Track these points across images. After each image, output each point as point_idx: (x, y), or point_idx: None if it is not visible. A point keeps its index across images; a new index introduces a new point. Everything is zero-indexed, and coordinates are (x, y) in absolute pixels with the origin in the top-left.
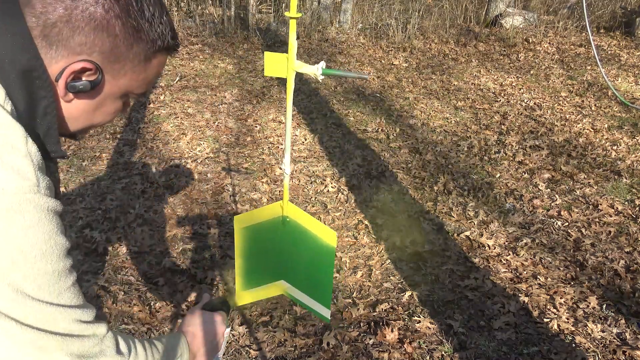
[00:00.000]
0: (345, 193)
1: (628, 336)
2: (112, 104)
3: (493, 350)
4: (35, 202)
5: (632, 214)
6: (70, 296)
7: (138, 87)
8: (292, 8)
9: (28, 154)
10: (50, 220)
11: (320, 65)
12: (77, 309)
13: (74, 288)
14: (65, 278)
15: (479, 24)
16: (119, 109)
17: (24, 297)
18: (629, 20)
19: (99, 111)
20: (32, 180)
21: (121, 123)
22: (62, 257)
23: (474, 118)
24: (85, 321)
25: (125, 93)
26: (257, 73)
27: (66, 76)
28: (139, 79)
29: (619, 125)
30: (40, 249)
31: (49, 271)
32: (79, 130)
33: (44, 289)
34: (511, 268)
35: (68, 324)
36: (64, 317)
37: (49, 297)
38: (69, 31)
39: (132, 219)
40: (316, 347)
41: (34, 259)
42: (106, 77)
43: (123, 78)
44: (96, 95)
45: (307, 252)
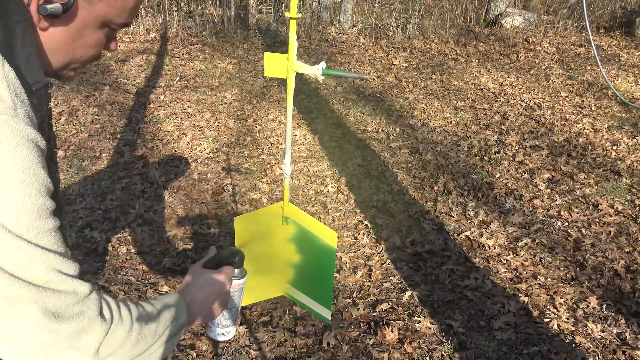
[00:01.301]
0: (345, 193)
1: (628, 336)
2: (93, 34)
3: (493, 350)
4: (13, 125)
5: (632, 214)
6: (50, 240)
7: (118, 15)
8: (292, 8)
9: (4, 77)
10: (30, 149)
11: (321, 66)
12: (57, 256)
13: (55, 233)
14: (46, 219)
15: (479, 24)
16: (102, 41)
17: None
18: (629, 20)
19: (79, 42)
20: (7, 103)
21: (121, 123)
22: (43, 193)
23: (474, 118)
24: (66, 273)
25: (104, 22)
26: (257, 73)
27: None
28: (116, 5)
29: (619, 125)
30: (19, 177)
31: (28, 203)
32: (62, 66)
33: (22, 223)
34: (511, 268)
35: (45, 271)
36: (41, 262)
37: (27, 234)
38: None
39: (132, 219)
40: (316, 347)
41: (12, 186)
42: (80, 1)
43: (99, 3)
44: (71, 21)
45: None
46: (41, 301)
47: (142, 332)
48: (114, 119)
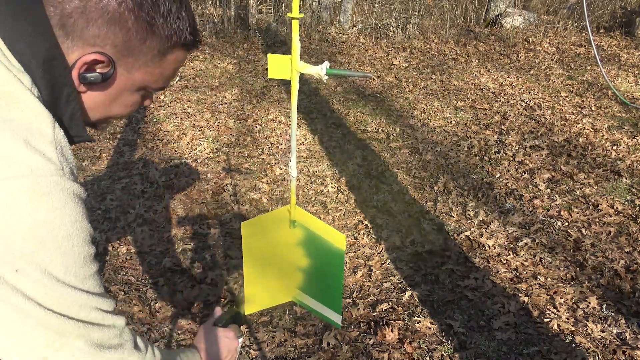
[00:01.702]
0: (345, 193)
1: (628, 336)
2: (130, 97)
3: (493, 350)
4: (62, 185)
5: (632, 214)
6: (93, 283)
7: (154, 81)
8: (294, 8)
9: (54, 140)
10: (75, 203)
11: (325, 66)
12: (99, 297)
13: (97, 276)
14: (90, 264)
15: (479, 24)
16: (137, 102)
17: (51, 278)
18: (629, 20)
19: (116, 103)
20: (56, 165)
21: (121, 123)
22: (87, 242)
23: (474, 118)
24: (106, 311)
25: (141, 87)
26: (257, 73)
27: (79, 67)
28: (154, 73)
29: (619, 125)
30: (67, 230)
31: (75, 254)
32: (98, 120)
33: (70, 272)
34: (511, 268)
35: (90, 311)
36: (87, 304)
37: (75, 281)
38: (83, 22)
39: (132, 219)
40: (316, 347)
41: (61, 240)
42: (119, 70)
43: (137, 72)
44: (108, 87)
45: (316, 257)
46: (87, 335)
47: None
48: None
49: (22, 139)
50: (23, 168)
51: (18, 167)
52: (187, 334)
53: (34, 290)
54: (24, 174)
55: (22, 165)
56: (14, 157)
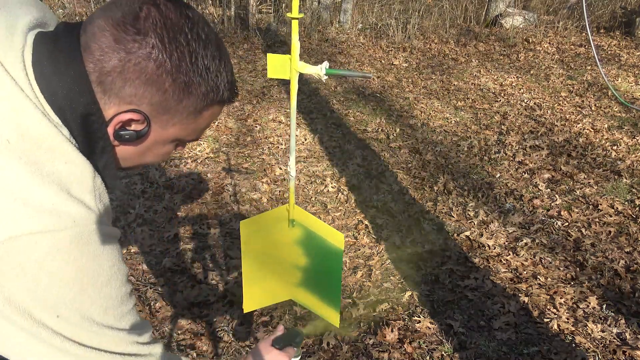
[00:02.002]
0: (345, 193)
1: (628, 336)
2: (162, 148)
3: (493, 350)
4: (101, 232)
5: (632, 214)
6: (130, 319)
7: (188, 135)
8: (294, 8)
9: (93, 188)
10: (112, 248)
11: (324, 65)
12: (135, 332)
13: (133, 311)
14: (127, 302)
15: (479, 24)
16: (170, 151)
17: (90, 322)
18: (629, 20)
19: (149, 154)
20: (95, 212)
21: None
22: (124, 283)
23: (474, 118)
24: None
25: (175, 140)
26: (257, 73)
27: (114, 124)
28: (188, 129)
29: (619, 125)
30: (107, 275)
31: (114, 296)
32: (131, 167)
33: (109, 314)
34: (511, 268)
35: (127, 345)
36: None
37: (112, 321)
38: (121, 81)
39: (132, 219)
40: (316, 347)
41: (101, 286)
42: (154, 126)
43: (172, 128)
44: (142, 142)
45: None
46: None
47: None
48: None
49: (65, 189)
50: (67, 220)
51: (62, 219)
52: (187, 334)
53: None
54: (68, 225)
55: (66, 216)
56: (58, 209)
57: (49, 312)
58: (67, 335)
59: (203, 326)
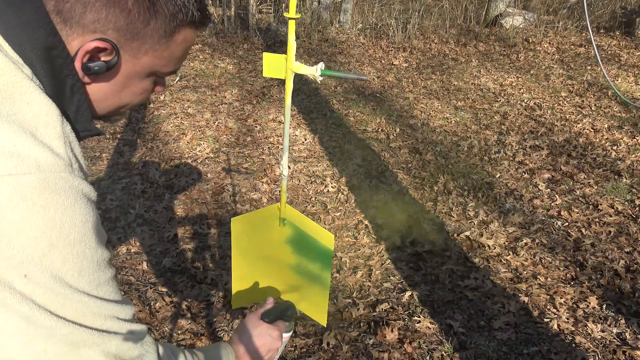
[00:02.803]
0: (345, 193)
1: (628, 336)
2: (139, 83)
3: (493, 350)
4: (70, 182)
5: (632, 214)
6: (109, 290)
7: (164, 65)
8: (292, 9)
9: (62, 134)
10: (86, 204)
11: (319, 66)
12: (115, 304)
13: (112, 282)
14: (105, 269)
15: (479, 24)
16: (148, 88)
17: (62, 284)
18: (629, 20)
19: (125, 92)
20: (65, 160)
21: (121, 123)
22: (100, 245)
23: (474, 118)
24: (124, 319)
25: (151, 72)
26: (257, 73)
27: (81, 56)
28: (162, 56)
29: (619, 125)
30: (79, 231)
31: (88, 257)
32: (109, 112)
33: (84, 277)
34: (511, 268)
35: (105, 319)
36: (102, 312)
37: (88, 287)
38: (80, 7)
39: (132, 219)
40: (316, 347)
41: (73, 242)
42: (124, 56)
43: (144, 57)
44: (114, 76)
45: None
46: (103, 344)
47: None
48: None
49: (28, 132)
50: (30, 164)
51: (25, 163)
52: (187, 334)
53: (44, 297)
54: (31, 170)
55: (29, 160)
56: (20, 152)
57: (16, 271)
58: (38, 300)
59: (203, 326)
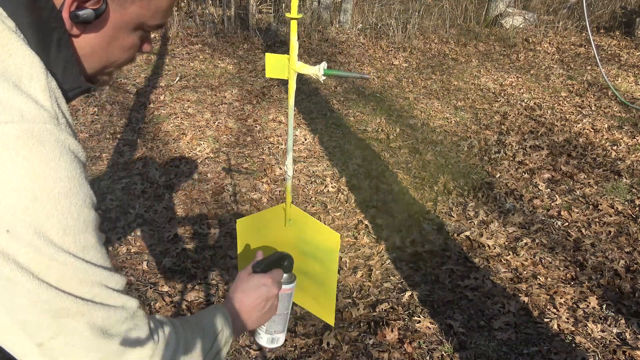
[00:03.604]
0: (345, 193)
1: (628, 336)
2: (126, 37)
3: (493, 350)
4: (56, 135)
5: (632, 214)
6: (96, 255)
7: (151, 17)
8: (293, 9)
9: (47, 87)
10: (72, 160)
11: (322, 66)
12: (104, 271)
13: (101, 249)
14: (92, 232)
15: (479, 24)
16: (136, 44)
17: (47, 242)
18: (629, 20)
19: (113, 46)
20: (50, 113)
21: (121, 123)
22: (88, 205)
23: (474, 118)
24: (112, 288)
25: (138, 24)
26: (257, 73)
27: (68, 5)
28: (150, 7)
29: (619, 125)
30: (65, 186)
31: (74, 215)
32: (97, 70)
33: (69, 235)
34: (511, 268)
35: (92, 286)
36: (88, 277)
37: (74, 247)
38: None
39: (132, 219)
40: (316, 347)
41: (58, 197)
42: (112, 5)
43: (132, 6)
44: (103, 26)
45: (311, 255)
46: (89, 315)
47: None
48: (114, 119)
49: (11, 82)
50: (13, 112)
51: (7, 112)
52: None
53: (27, 257)
54: (14, 119)
55: (12, 109)
56: (2, 101)
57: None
58: (20, 260)
59: None
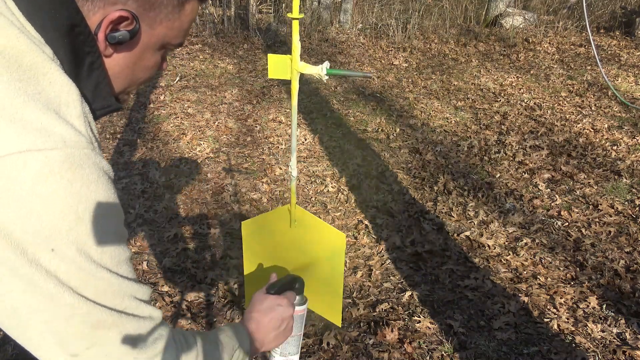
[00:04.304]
0: (345, 193)
1: (628, 336)
2: (152, 56)
3: (493, 350)
4: (93, 158)
5: (632, 214)
6: (128, 269)
7: (175, 36)
8: (295, 9)
9: (82, 113)
10: (107, 180)
11: (325, 66)
12: (134, 283)
13: (130, 263)
14: (125, 248)
15: (479, 24)
16: (158, 62)
17: (87, 259)
18: (629, 20)
19: (139, 65)
20: (87, 137)
21: (121, 123)
22: (122, 222)
23: (474, 118)
24: (142, 300)
25: (162, 44)
26: (257, 73)
27: (105, 27)
28: (174, 27)
29: (619, 125)
30: (103, 207)
31: (111, 232)
32: (122, 90)
33: (106, 252)
34: (511, 268)
35: (124, 298)
36: (122, 290)
37: (110, 263)
38: None
39: (132, 219)
40: (316, 347)
41: (98, 217)
42: (143, 26)
43: (159, 26)
44: (135, 46)
45: (316, 256)
46: (122, 326)
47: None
48: (114, 119)
49: (52, 110)
50: (57, 139)
51: (52, 139)
52: None
53: (68, 274)
54: (58, 145)
55: (56, 136)
56: (47, 128)
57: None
58: (62, 277)
59: (203, 326)
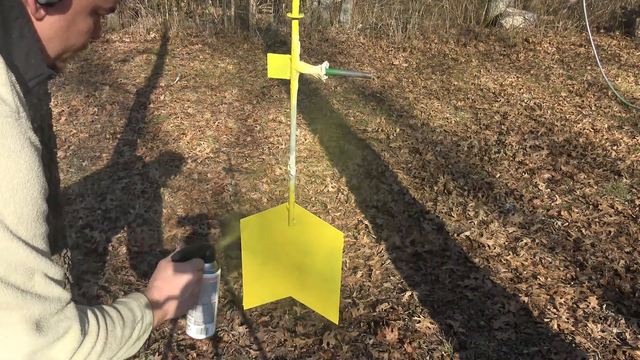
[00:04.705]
0: (345, 193)
1: (628, 336)
2: (84, 21)
3: (493, 350)
4: (17, 128)
5: (632, 214)
6: (43, 243)
7: (105, 0)
8: (295, 9)
9: (9, 81)
10: (32, 151)
11: (324, 66)
12: (47, 260)
13: (46, 238)
14: (42, 222)
15: (479, 24)
16: (91, 27)
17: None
18: (629, 20)
19: (73, 30)
20: (12, 107)
21: (121, 123)
22: (42, 196)
23: (474, 118)
24: (52, 277)
25: (94, 8)
26: (257, 73)
27: None
28: None
29: (619, 125)
30: (24, 177)
31: (30, 205)
32: (57, 55)
33: (23, 224)
34: (511, 268)
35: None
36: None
37: (25, 235)
38: None
39: (132, 219)
40: (316, 347)
41: (17, 187)
42: None
43: None
44: (67, 10)
45: (315, 254)
46: (27, 309)
47: (108, 340)
48: (114, 119)
49: None
50: None
51: None
52: (187, 334)
53: None
54: None
55: None
56: None
57: None
58: None
59: None
